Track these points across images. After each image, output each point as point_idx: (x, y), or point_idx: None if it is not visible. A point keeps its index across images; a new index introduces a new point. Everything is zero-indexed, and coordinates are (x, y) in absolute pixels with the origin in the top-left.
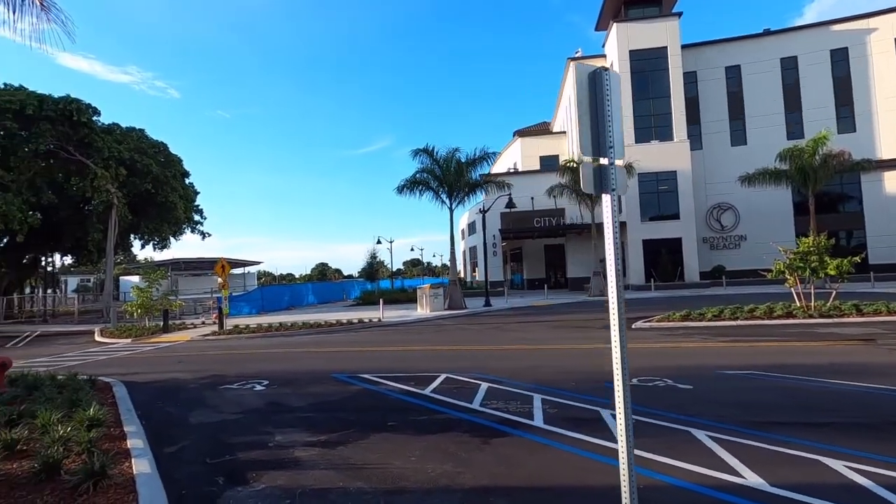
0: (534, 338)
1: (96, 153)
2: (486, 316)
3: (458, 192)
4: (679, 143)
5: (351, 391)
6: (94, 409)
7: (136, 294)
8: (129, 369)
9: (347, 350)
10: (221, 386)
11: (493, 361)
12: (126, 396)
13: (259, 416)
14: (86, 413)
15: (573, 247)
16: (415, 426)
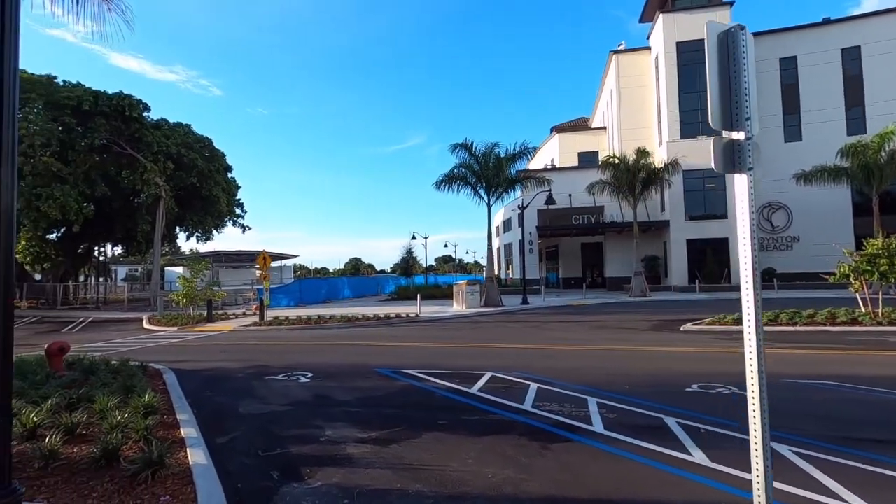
0: (576, 338)
1: (146, 147)
2: (524, 314)
3: (496, 188)
4: None
5: (396, 387)
6: (149, 397)
7: (182, 284)
8: (177, 357)
9: (388, 345)
10: (267, 377)
11: (537, 361)
12: (176, 384)
13: (307, 408)
14: (141, 400)
15: (612, 245)
16: (466, 426)
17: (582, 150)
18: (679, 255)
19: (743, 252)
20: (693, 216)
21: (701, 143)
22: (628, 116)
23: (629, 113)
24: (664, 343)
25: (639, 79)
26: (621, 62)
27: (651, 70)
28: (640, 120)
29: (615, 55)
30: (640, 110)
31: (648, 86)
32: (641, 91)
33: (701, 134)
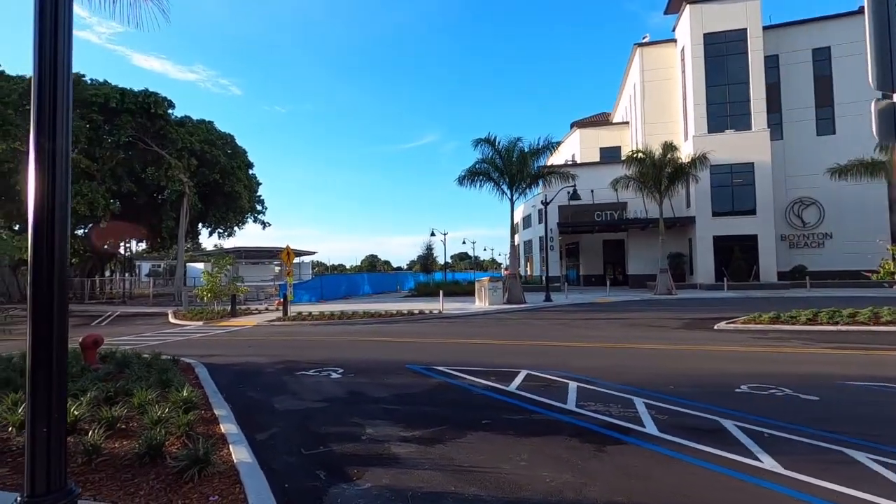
0: (608, 336)
1: (170, 144)
2: (549, 311)
3: (519, 184)
4: (758, 132)
5: (430, 384)
6: (188, 391)
7: (206, 279)
8: (206, 351)
9: (415, 341)
10: (297, 372)
11: (571, 359)
12: (209, 378)
13: (343, 405)
14: (179, 394)
15: (635, 242)
16: (512, 426)
17: (604, 146)
18: (705, 253)
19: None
20: (720, 212)
21: (729, 138)
22: (653, 111)
23: (653, 107)
24: (700, 342)
25: (664, 72)
26: (646, 55)
27: (676, 63)
28: (665, 114)
29: (639, 48)
30: (664, 104)
31: (674, 79)
32: (666, 84)
33: (729, 128)
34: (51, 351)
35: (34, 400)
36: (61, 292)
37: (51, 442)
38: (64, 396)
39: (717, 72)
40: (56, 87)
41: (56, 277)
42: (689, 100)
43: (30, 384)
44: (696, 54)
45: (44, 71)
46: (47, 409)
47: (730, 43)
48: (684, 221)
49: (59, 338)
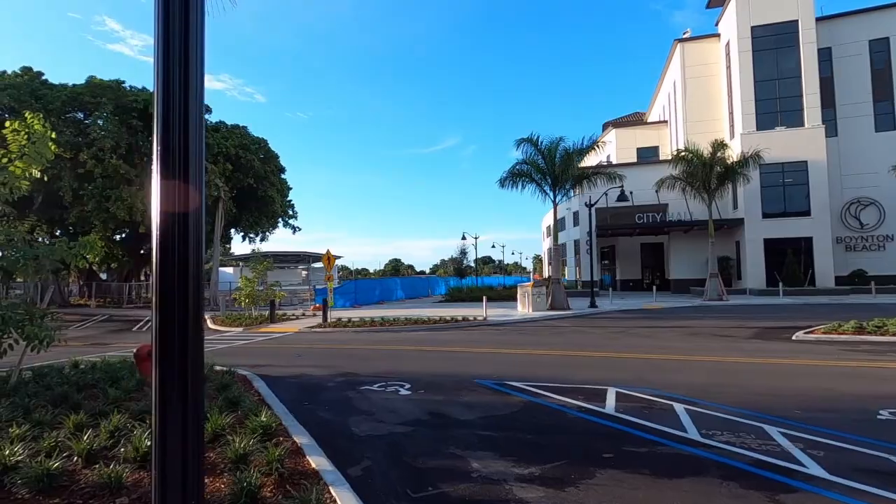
0: (675, 346)
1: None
2: (598, 318)
3: (562, 185)
4: (812, 129)
5: (513, 403)
6: (267, 416)
7: (244, 284)
8: (255, 360)
9: (471, 351)
10: (361, 386)
11: (652, 374)
12: (270, 393)
13: (429, 430)
14: (257, 419)
15: (677, 246)
16: (642, 462)
17: (641, 146)
18: (755, 256)
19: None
20: (770, 213)
21: (780, 135)
22: (694, 108)
23: (695, 104)
24: (785, 354)
25: (706, 68)
26: (687, 51)
27: (720, 58)
28: (708, 112)
29: (680, 43)
30: (707, 101)
31: (717, 75)
32: (709, 81)
33: (780, 125)
34: (185, 376)
35: (164, 435)
36: (196, 313)
37: (187, 484)
38: (201, 434)
39: (766, 66)
40: (188, 79)
41: (191, 294)
42: (736, 96)
43: (157, 422)
44: (744, 48)
45: (171, 60)
46: (181, 449)
47: (780, 35)
48: (731, 223)
49: (195, 361)
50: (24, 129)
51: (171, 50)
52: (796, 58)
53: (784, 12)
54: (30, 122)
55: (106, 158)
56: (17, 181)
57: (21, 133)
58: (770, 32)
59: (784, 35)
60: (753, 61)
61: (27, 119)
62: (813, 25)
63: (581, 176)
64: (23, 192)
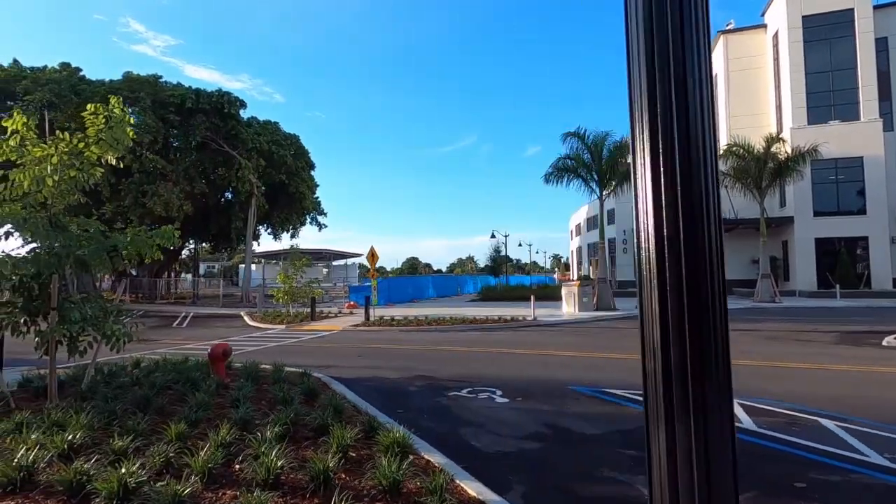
0: (759, 352)
1: (241, 144)
2: None
3: (610, 180)
4: (868, 123)
5: (633, 416)
6: (400, 433)
7: (283, 281)
8: (316, 360)
9: (540, 353)
10: (448, 392)
11: (761, 382)
12: (359, 399)
13: (562, 446)
14: (390, 435)
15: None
16: (846, 493)
17: None
18: (805, 256)
19: None
20: (822, 212)
21: (833, 129)
22: (739, 102)
23: (740, 98)
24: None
25: (751, 60)
26: (730, 43)
27: (767, 50)
28: (753, 105)
29: (723, 35)
30: (752, 95)
31: (763, 67)
32: (755, 73)
33: (834, 119)
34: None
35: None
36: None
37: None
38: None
39: (819, 57)
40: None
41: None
42: (785, 89)
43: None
44: (794, 39)
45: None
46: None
47: (833, 25)
48: (780, 222)
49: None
50: (104, 113)
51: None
52: (851, 48)
53: (838, 1)
54: (113, 105)
55: (143, 153)
56: (91, 168)
57: (99, 116)
58: (823, 22)
59: (838, 24)
60: (805, 52)
61: (111, 102)
62: (870, 14)
63: (628, 172)
64: (97, 179)
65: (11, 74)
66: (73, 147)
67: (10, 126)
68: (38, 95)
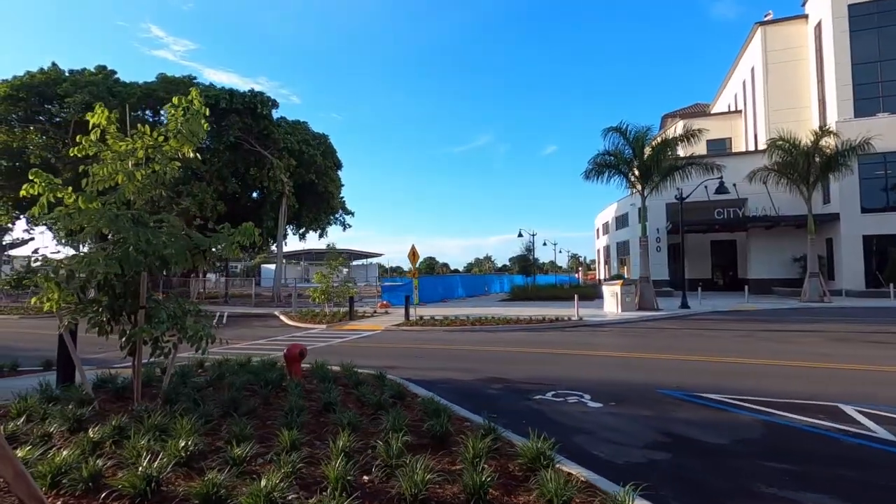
0: (836, 354)
1: (272, 144)
2: (700, 320)
3: (652, 177)
4: None
5: (745, 422)
6: (540, 442)
7: (319, 280)
8: (374, 361)
9: (605, 355)
10: (533, 395)
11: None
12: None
13: (694, 458)
14: (531, 444)
15: (758, 243)
16: None
17: (710, 138)
18: (852, 254)
19: None
20: (870, 208)
21: (882, 122)
22: (778, 95)
23: (779, 92)
24: None
25: (792, 52)
26: (769, 34)
27: (808, 41)
28: (794, 99)
29: (761, 27)
30: (792, 88)
31: (804, 59)
32: (795, 66)
33: (882, 111)
34: None
35: None
36: None
37: None
38: None
39: (866, 47)
40: None
41: None
42: (829, 81)
43: None
44: (840, 28)
45: None
46: None
47: (881, 14)
48: (824, 219)
49: None
50: (184, 104)
51: None
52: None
53: None
54: (192, 96)
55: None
56: (168, 163)
57: (178, 109)
58: (870, 11)
59: (886, 13)
60: (851, 42)
61: (191, 93)
62: None
63: (673, 167)
64: (174, 174)
65: (52, 77)
66: (155, 141)
67: (93, 120)
68: (78, 97)
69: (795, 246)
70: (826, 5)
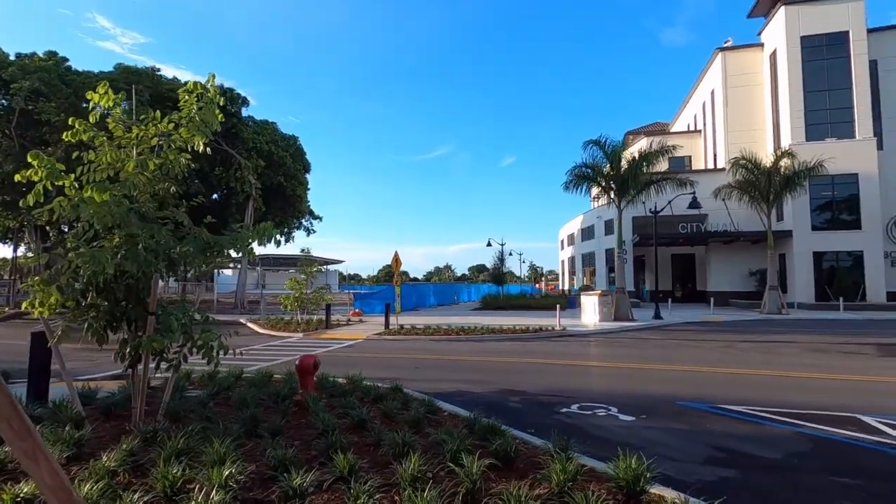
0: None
1: (241, 144)
2: (678, 331)
3: (629, 190)
4: (863, 141)
5: (784, 435)
6: (633, 462)
7: (292, 287)
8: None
9: (608, 366)
10: (559, 408)
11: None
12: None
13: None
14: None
15: (717, 257)
16: None
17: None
18: (804, 269)
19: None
20: (819, 226)
21: (830, 146)
22: (736, 117)
23: (737, 114)
24: None
25: (749, 77)
26: (729, 60)
27: (763, 68)
28: (750, 122)
29: (721, 52)
30: (749, 112)
31: (760, 84)
32: (752, 91)
33: (830, 136)
34: None
35: None
36: None
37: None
38: None
39: (816, 77)
40: None
41: None
42: (784, 106)
43: None
44: (793, 58)
45: None
46: None
47: (829, 46)
48: (778, 235)
49: None
50: (199, 91)
51: None
52: (847, 69)
53: (834, 23)
54: (208, 81)
55: None
56: (178, 155)
57: (193, 95)
58: (819, 43)
59: (834, 46)
60: (803, 72)
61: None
62: (864, 37)
63: (648, 181)
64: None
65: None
66: (166, 128)
67: (94, 100)
68: (27, 84)
69: (752, 260)
70: (781, 36)
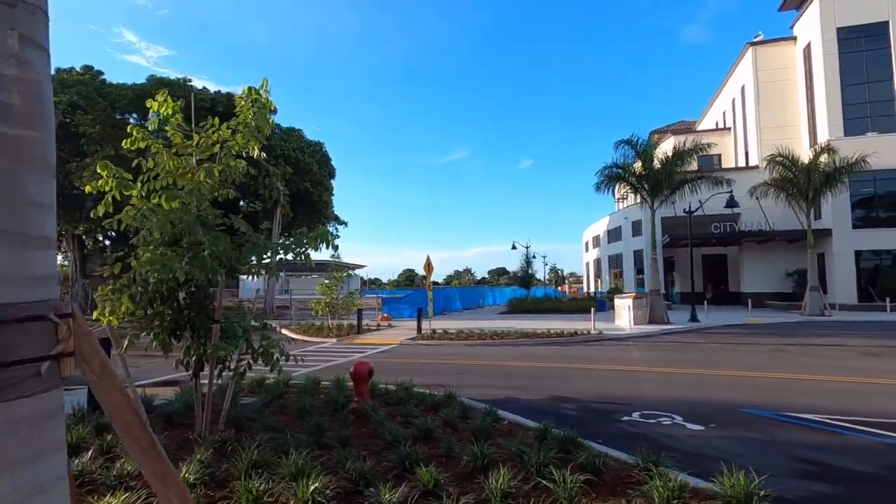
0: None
1: (268, 151)
2: (716, 334)
3: (662, 190)
4: None
5: (868, 446)
6: (741, 478)
7: (322, 292)
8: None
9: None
10: (619, 417)
11: None
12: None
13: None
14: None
15: (751, 257)
16: None
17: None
18: (845, 269)
19: None
20: (860, 224)
21: (871, 141)
22: (769, 114)
23: (770, 110)
24: None
25: (781, 72)
26: (759, 54)
27: (797, 62)
28: (782, 117)
29: (752, 47)
30: (781, 107)
31: (793, 79)
32: (784, 85)
33: (871, 131)
34: None
35: None
36: None
37: None
38: None
39: (854, 69)
40: None
41: None
42: (820, 101)
43: None
44: (829, 51)
45: None
46: None
47: (868, 37)
48: (816, 234)
49: None
50: (253, 96)
51: None
52: (887, 60)
53: (873, 13)
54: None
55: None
56: (236, 161)
57: (248, 101)
58: (857, 34)
59: (873, 37)
60: (840, 65)
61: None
62: None
63: (683, 181)
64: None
65: None
66: (225, 135)
67: (153, 108)
68: (65, 98)
69: (788, 260)
70: (815, 28)
